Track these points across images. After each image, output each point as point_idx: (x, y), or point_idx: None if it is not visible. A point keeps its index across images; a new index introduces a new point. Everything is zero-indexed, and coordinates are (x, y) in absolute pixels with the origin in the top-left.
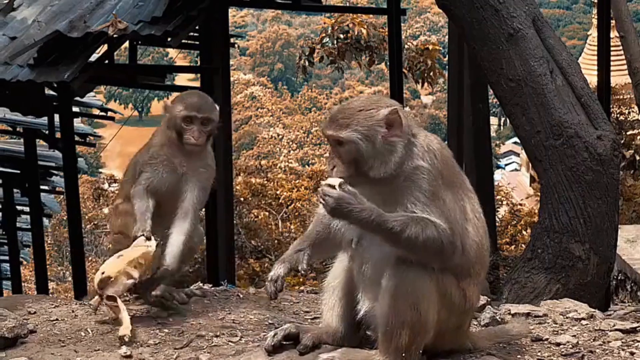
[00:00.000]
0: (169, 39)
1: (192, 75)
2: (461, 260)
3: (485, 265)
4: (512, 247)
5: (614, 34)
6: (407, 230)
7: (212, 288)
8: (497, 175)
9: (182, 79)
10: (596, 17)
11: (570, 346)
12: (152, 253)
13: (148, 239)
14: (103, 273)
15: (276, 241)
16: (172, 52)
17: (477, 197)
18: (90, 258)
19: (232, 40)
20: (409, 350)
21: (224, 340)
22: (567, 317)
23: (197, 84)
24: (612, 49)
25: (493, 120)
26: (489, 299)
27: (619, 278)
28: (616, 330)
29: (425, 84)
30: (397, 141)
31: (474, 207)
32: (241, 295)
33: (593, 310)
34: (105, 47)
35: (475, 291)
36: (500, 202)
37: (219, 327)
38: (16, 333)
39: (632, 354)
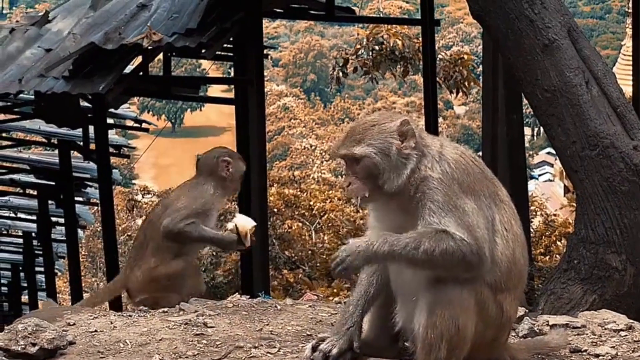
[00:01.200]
0: (203, 51)
1: (225, 87)
2: (492, 271)
3: (522, 278)
4: (547, 257)
5: None
6: (421, 248)
7: (249, 299)
8: (531, 185)
9: (215, 91)
10: (630, 26)
11: (609, 357)
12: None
13: None
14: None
15: (310, 252)
16: (205, 64)
17: None
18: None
19: (265, 51)
20: None
21: (262, 352)
22: (605, 328)
23: (231, 95)
24: None
25: (526, 131)
26: (526, 310)
27: None
28: None
29: (460, 94)
30: (412, 153)
31: (502, 219)
32: (279, 307)
33: (632, 321)
34: (139, 59)
35: (513, 305)
36: (534, 213)
37: (257, 339)
38: (55, 344)
39: None
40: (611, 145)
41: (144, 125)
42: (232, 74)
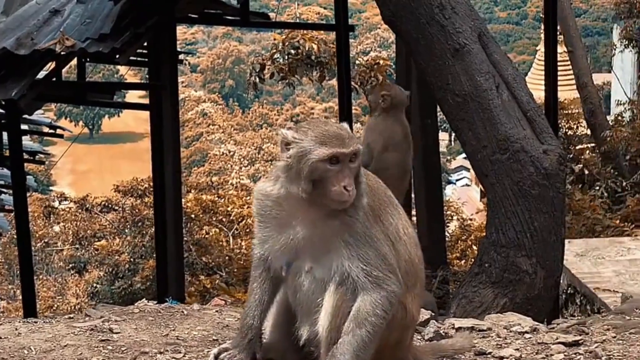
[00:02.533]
0: (117, 56)
1: (143, 93)
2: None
3: (419, 276)
4: (462, 262)
5: (562, 48)
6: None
7: (156, 304)
8: (448, 190)
9: (133, 96)
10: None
11: (513, 359)
12: None
13: None
14: None
15: (227, 257)
16: (123, 70)
17: (427, 213)
18: (41, 276)
19: (181, 57)
20: None
21: (167, 357)
22: (510, 331)
23: (147, 101)
24: (560, 63)
25: (444, 136)
26: (432, 313)
27: (568, 292)
28: (559, 343)
29: None
30: (280, 164)
31: (404, 224)
32: (185, 312)
33: (537, 323)
34: (53, 65)
35: (414, 304)
36: (450, 217)
37: (163, 344)
38: None
39: None
40: (521, 149)
41: (59, 131)
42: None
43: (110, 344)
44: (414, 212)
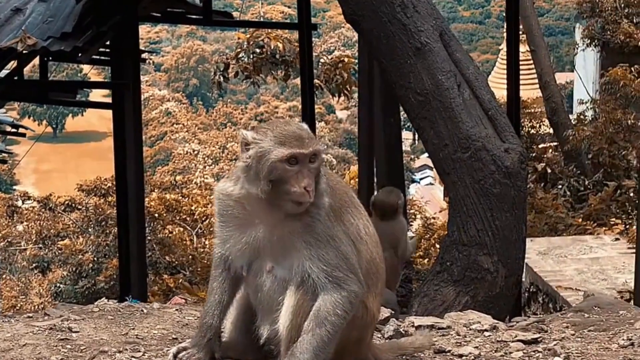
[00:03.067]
0: (79, 55)
1: (107, 92)
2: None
3: (381, 275)
4: (426, 260)
5: (524, 48)
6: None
7: (116, 303)
8: (412, 189)
9: (96, 95)
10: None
11: (472, 357)
12: None
13: None
14: None
15: (190, 257)
16: (86, 68)
17: None
18: (4, 276)
19: (144, 55)
20: None
21: (126, 356)
22: (470, 329)
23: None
24: (523, 62)
25: (408, 135)
26: (393, 312)
27: (531, 290)
28: (518, 341)
29: (342, 98)
30: (241, 165)
31: (365, 224)
32: (145, 311)
33: (497, 321)
34: (14, 63)
35: (375, 302)
36: (414, 216)
37: (122, 343)
38: None
39: None
40: (483, 147)
41: (22, 130)
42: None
43: (70, 343)
44: None
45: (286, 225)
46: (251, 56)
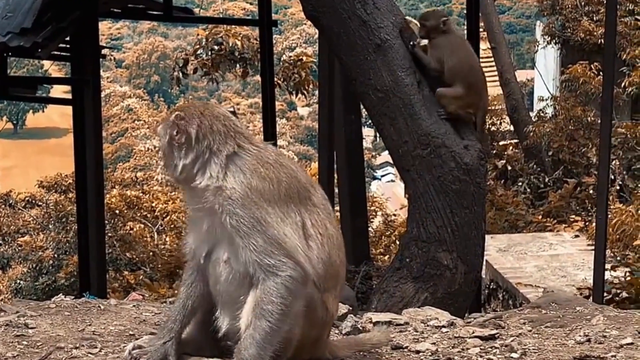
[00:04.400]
0: (39, 50)
1: (68, 88)
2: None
3: (340, 278)
4: (386, 257)
5: (485, 45)
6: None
7: (73, 299)
8: (373, 186)
9: (57, 91)
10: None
11: (430, 353)
12: None
13: None
14: None
15: (151, 253)
16: (47, 64)
17: (350, 208)
18: None
19: (105, 51)
20: None
21: (83, 352)
22: (427, 325)
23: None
24: (483, 60)
25: (369, 132)
26: (350, 308)
27: (491, 287)
28: (475, 337)
29: (300, 96)
30: (182, 147)
31: (315, 222)
32: (102, 307)
33: (454, 318)
34: None
35: (334, 303)
36: (374, 213)
37: (79, 339)
38: None
39: None
40: (442, 144)
41: None
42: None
43: (26, 339)
44: (337, 208)
45: (208, 212)
46: (209, 53)
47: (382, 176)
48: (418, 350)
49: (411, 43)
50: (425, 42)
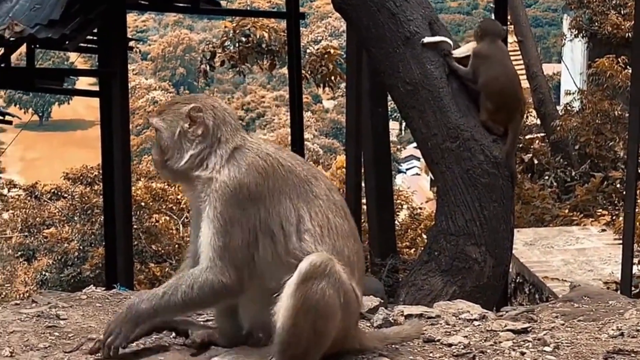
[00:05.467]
0: (66, 42)
1: (94, 80)
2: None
3: (354, 265)
4: (412, 250)
5: (512, 38)
6: (179, 293)
7: (104, 291)
8: (399, 179)
9: (83, 84)
10: None
11: (462, 347)
12: None
13: None
14: None
15: (177, 245)
16: (73, 56)
17: (377, 201)
18: None
19: (131, 44)
20: (307, 358)
21: None
22: (459, 318)
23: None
24: (510, 53)
25: (395, 125)
26: (381, 300)
27: (517, 281)
28: (507, 330)
29: (327, 89)
30: (195, 139)
31: (316, 214)
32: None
33: (486, 311)
34: (1, 51)
35: (360, 291)
36: (400, 206)
37: None
38: None
39: (522, 354)
40: (471, 137)
41: (8, 118)
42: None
43: (57, 330)
44: (364, 201)
45: (197, 201)
46: (237, 45)
47: (407, 169)
48: (450, 343)
49: (444, 52)
50: (456, 52)
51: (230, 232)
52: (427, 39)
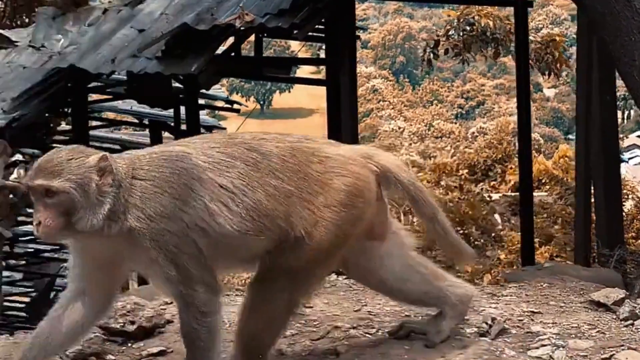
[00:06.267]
0: (295, 32)
1: (313, 69)
2: None
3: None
4: (639, 241)
5: None
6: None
7: (346, 279)
8: (622, 169)
9: (303, 72)
10: None
11: None
12: None
13: None
14: None
15: None
16: (294, 45)
17: (605, 191)
18: None
19: (357, 33)
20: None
21: (360, 332)
22: None
23: (319, 76)
24: None
25: (617, 114)
26: (626, 293)
27: None
28: None
29: (551, 76)
30: (109, 191)
31: (214, 193)
32: None
33: None
34: (231, 40)
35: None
36: (625, 196)
37: (355, 319)
38: (154, 323)
39: None
40: None
41: (235, 106)
42: (323, 55)
43: (303, 318)
44: (592, 191)
45: (114, 243)
46: (461, 34)
47: (630, 159)
48: None
49: None
50: None
51: (175, 259)
52: None
